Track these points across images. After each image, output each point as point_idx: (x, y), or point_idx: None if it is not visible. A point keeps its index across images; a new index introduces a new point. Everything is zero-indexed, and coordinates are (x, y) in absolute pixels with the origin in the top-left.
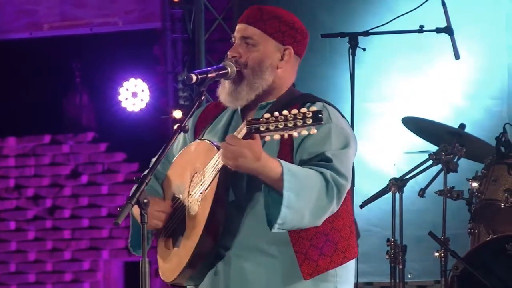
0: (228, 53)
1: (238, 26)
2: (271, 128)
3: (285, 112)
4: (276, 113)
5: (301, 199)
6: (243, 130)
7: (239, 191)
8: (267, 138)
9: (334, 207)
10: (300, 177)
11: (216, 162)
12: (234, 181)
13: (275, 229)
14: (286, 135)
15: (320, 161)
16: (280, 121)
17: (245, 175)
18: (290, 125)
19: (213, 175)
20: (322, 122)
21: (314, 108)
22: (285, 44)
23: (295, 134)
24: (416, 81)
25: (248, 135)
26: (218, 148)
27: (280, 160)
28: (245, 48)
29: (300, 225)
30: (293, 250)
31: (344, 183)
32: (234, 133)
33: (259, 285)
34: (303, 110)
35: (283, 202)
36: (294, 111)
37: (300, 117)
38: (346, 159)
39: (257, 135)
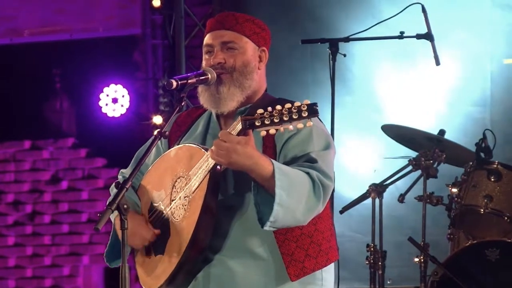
0: (204, 61)
1: (213, 34)
2: (267, 122)
3: (278, 106)
4: (270, 108)
5: (292, 197)
6: (237, 126)
7: (227, 192)
8: (263, 133)
9: (320, 207)
10: (290, 176)
11: (205, 163)
12: (221, 182)
13: (267, 227)
14: (281, 129)
15: (305, 161)
16: (275, 115)
17: (232, 176)
18: (285, 118)
19: (202, 177)
20: (318, 115)
21: (307, 101)
22: (260, 46)
23: (290, 127)
24: (397, 87)
25: (243, 131)
26: (206, 150)
27: (271, 159)
28: (227, 53)
29: (291, 223)
30: (280, 252)
31: (329, 183)
32: (227, 130)
33: (248, 287)
34: (297, 103)
35: (275, 199)
36: (288, 105)
37: (295, 111)
38: (329, 160)
39: (250, 132)
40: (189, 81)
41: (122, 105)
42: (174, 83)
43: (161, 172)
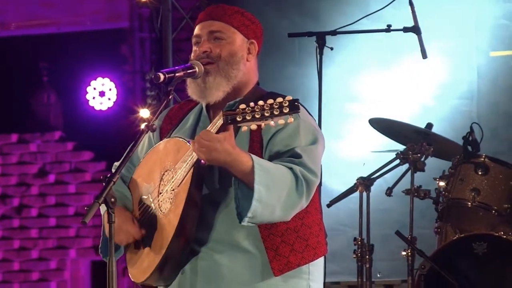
0: (192, 53)
1: (201, 24)
2: (248, 118)
3: (260, 102)
4: (252, 104)
5: (272, 193)
6: (219, 121)
7: (212, 185)
8: (244, 128)
9: (303, 203)
10: (271, 171)
11: (189, 157)
12: (207, 175)
13: (245, 222)
14: (263, 125)
15: (290, 156)
16: (256, 111)
17: (217, 169)
18: (266, 114)
19: (187, 170)
20: (299, 111)
21: (289, 97)
22: (249, 38)
23: (271, 123)
24: (384, 80)
25: (224, 126)
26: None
27: (251, 155)
28: (214, 43)
29: (270, 219)
30: (264, 246)
31: (314, 179)
32: (210, 125)
33: (233, 280)
34: (279, 99)
35: (254, 195)
36: (270, 101)
37: (276, 106)
38: (315, 154)
39: (231, 127)
40: (177, 74)
41: (109, 99)
42: (162, 77)
43: (151, 165)
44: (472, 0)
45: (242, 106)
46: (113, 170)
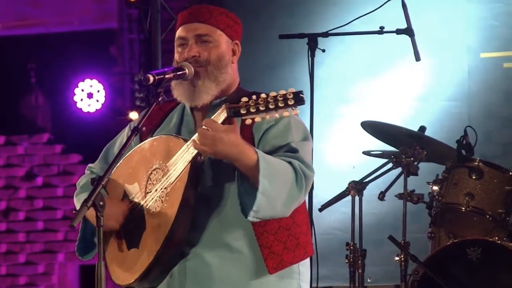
0: (177, 55)
1: (187, 27)
2: (252, 110)
3: (263, 95)
4: (254, 96)
5: (275, 187)
6: (221, 114)
7: (205, 185)
8: (248, 121)
9: (302, 198)
10: (274, 165)
11: (185, 153)
12: (201, 174)
13: (250, 217)
14: (267, 117)
15: (286, 151)
16: (260, 103)
17: (211, 168)
18: (271, 106)
19: (182, 167)
20: (304, 103)
21: (293, 90)
22: (233, 39)
23: (276, 115)
24: (376, 82)
25: (228, 119)
26: (185, 140)
27: (255, 148)
28: (201, 46)
29: (273, 213)
30: (258, 244)
31: (311, 174)
32: (211, 118)
33: (225, 281)
34: (282, 92)
35: (259, 188)
36: (273, 93)
37: (281, 99)
38: (308, 151)
39: (234, 120)
40: (166, 76)
41: (97, 100)
42: (151, 78)
43: (133, 165)
44: (462, 2)
45: (245, 99)
46: (87, 172)
